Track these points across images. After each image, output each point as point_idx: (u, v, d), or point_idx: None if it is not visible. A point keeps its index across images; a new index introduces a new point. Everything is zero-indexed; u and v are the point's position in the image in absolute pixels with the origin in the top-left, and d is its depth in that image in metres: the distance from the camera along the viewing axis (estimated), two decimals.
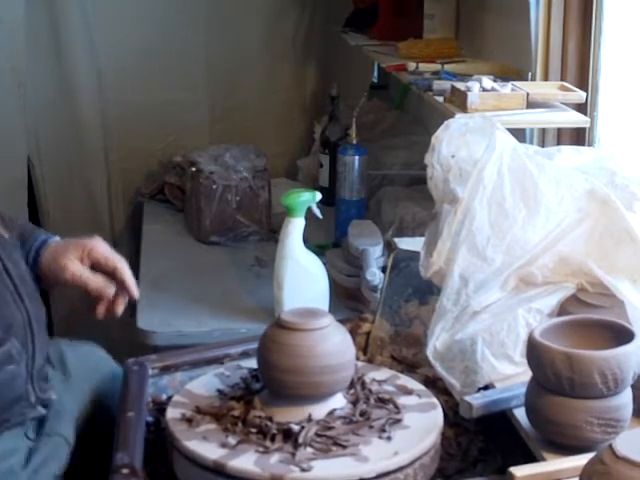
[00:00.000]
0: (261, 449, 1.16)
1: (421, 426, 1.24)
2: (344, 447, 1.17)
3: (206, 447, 1.16)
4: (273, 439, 1.17)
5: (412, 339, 1.66)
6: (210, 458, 1.15)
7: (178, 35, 3.23)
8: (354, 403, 1.26)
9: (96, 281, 1.51)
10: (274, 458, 1.15)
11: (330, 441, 1.18)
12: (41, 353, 1.44)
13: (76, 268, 1.51)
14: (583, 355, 1.18)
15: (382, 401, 1.28)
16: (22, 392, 1.38)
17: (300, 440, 1.16)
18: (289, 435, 1.18)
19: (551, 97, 1.98)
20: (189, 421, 1.21)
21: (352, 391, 1.28)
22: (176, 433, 1.19)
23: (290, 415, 1.20)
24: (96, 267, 1.54)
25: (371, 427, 1.22)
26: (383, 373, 1.38)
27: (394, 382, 1.35)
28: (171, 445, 1.20)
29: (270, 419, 1.20)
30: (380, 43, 2.82)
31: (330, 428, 1.20)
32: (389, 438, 1.20)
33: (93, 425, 1.49)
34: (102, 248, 1.54)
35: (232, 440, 1.18)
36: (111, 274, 1.53)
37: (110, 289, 1.52)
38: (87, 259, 1.53)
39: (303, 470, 1.13)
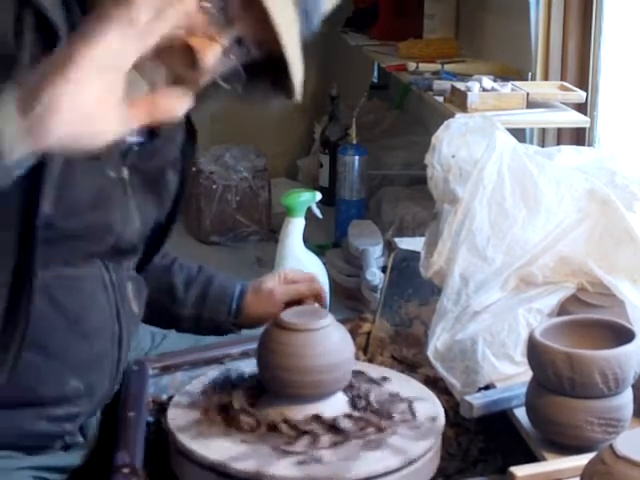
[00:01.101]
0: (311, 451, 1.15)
1: (417, 396, 1.27)
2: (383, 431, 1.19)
3: (269, 462, 1.13)
4: (316, 441, 1.17)
5: (412, 339, 1.66)
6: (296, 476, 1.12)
7: None
8: (359, 395, 1.26)
9: (303, 286, 1.59)
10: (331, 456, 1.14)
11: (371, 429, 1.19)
12: None
13: (281, 286, 1.58)
14: (584, 355, 1.18)
15: (376, 383, 1.29)
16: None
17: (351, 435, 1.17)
18: (336, 432, 1.18)
19: (551, 97, 1.99)
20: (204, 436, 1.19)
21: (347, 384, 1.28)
22: (225, 459, 1.15)
23: (300, 415, 1.20)
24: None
25: (390, 414, 1.22)
26: None
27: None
28: (216, 470, 1.17)
29: (319, 418, 1.19)
30: (380, 43, 2.83)
31: (360, 419, 1.21)
32: (414, 415, 1.22)
33: None
34: (292, 270, 1.65)
35: (286, 447, 1.15)
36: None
37: (318, 285, 1.61)
38: (284, 282, 1.60)
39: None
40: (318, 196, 2.08)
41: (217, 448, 1.16)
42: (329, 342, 1.21)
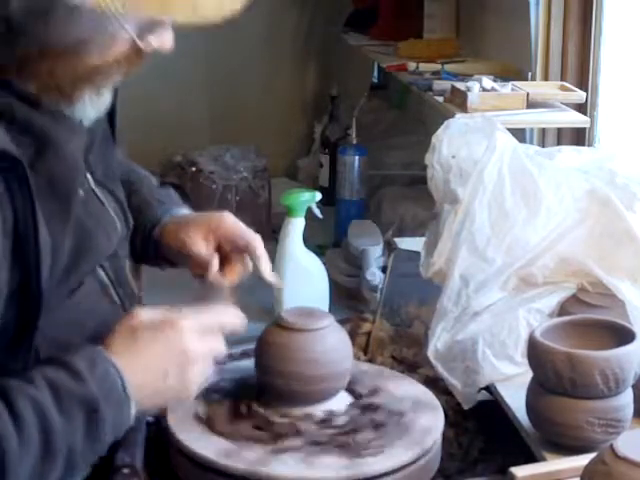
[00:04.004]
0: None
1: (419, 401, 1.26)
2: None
3: (269, 462, 1.13)
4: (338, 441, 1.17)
5: (412, 339, 1.66)
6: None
7: (178, 35, 3.23)
8: (360, 396, 1.26)
9: (213, 271, 1.36)
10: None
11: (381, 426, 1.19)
12: None
13: (195, 248, 1.35)
14: (584, 355, 1.18)
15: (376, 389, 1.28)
16: None
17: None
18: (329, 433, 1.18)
19: (551, 97, 1.99)
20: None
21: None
22: (224, 459, 1.14)
23: (300, 416, 1.20)
24: (225, 244, 1.38)
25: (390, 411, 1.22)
26: None
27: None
28: (216, 470, 1.17)
29: (315, 419, 1.19)
30: (380, 43, 2.83)
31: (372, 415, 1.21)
32: (411, 421, 1.22)
33: None
34: (229, 225, 1.37)
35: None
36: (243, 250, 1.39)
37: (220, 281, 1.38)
38: (213, 237, 1.36)
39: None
40: (318, 196, 2.08)
41: (217, 448, 1.16)
42: (326, 343, 1.21)
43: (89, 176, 1.21)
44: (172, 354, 1.08)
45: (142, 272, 1.33)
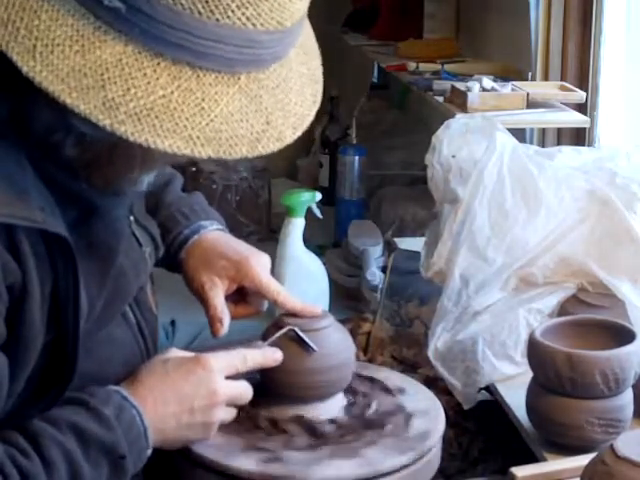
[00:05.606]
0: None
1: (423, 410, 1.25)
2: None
3: (267, 462, 1.13)
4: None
5: (412, 339, 1.66)
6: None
7: None
8: (358, 402, 1.25)
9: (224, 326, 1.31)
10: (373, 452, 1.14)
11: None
12: None
13: (213, 300, 1.31)
14: (584, 355, 1.18)
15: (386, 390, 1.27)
16: None
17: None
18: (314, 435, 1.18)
19: (551, 97, 1.99)
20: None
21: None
22: (223, 459, 1.14)
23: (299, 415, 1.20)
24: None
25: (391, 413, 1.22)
26: None
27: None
28: (215, 470, 1.16)
29: (301, 419, 1.19)
30: (380, 43, 2.83)
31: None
32: (406, 430, 1.20)
33: None
34: (255, 279, 1.31)
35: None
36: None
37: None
38: (235, 284, 1.33)
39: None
40: (318, 196, 2.08)
41: (217, 448, 1.16)
42: (329, 343, 1.21)
43: (131, 218, 1.19)
44: (201, 392, 1.10)
45: (156, 288, 1.31)
